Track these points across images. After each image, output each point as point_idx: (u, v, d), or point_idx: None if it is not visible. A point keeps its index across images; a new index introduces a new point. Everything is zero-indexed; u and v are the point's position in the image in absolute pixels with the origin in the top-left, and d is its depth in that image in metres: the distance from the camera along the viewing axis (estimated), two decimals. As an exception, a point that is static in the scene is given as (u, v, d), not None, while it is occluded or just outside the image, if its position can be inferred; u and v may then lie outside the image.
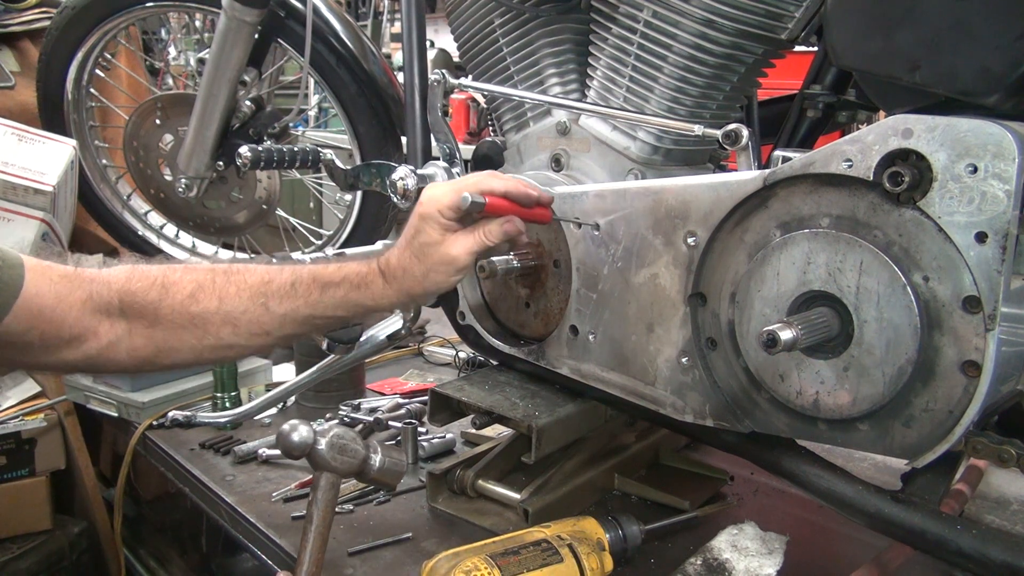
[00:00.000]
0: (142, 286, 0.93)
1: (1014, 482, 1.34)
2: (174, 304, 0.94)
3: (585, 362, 1.13)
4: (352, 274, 1.00)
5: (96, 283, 0.91)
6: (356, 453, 1.00)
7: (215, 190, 1.85)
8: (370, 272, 1.00)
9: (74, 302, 0.90)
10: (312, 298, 0.99)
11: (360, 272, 1.00)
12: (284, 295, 0.98)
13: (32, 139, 1.83)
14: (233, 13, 1.60)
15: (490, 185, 0.98)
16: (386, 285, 0.99)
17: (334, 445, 0.97)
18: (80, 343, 0.91)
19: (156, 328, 0.95)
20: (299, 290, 0.98)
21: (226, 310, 0.96)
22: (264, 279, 0.98)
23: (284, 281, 0.98)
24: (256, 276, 0.98)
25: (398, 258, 0.99)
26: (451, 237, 0.97)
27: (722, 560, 1.12)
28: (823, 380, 0.88)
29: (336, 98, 1.76)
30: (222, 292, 0.96)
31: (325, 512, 0.97)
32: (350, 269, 1.00)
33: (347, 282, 0.99)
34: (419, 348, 2.07)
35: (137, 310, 0.93)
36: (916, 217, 0.80)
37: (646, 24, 1.08)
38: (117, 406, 1.63)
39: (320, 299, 0.99)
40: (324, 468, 0.97)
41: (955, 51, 0.83)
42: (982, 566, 0.84)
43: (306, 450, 0.97)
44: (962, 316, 0.79)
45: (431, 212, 0.96)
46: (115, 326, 0.93)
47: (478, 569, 0.94)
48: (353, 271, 1.00)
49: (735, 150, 0.99)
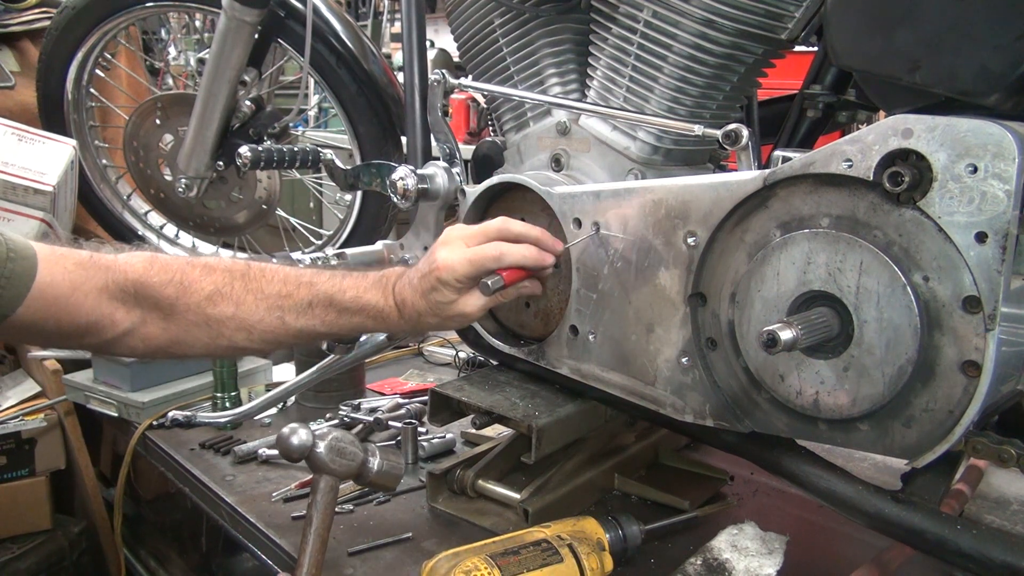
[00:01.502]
0: (160, 280, 0.94)
1: (1014, 482, 1.34)
2: (190, 304, 0.95)
3: (585, 362, 1.13)
4: (371, 307, 1.02)
5: (113, 271, 0.92)
6: (354, 456, 1.00)
7: (215, 190, 1.85)
8: (389, 308, 1.02)
9: (90, 290, 0.90)
10: (328, 319, 1.01)
11: (379, 307, 1.02)
12: (301, 312, 1.00)
13: (32, 139, 1.84)
14: (233, 13, 1.60)
15: (509, 260, 1.00)
16: (401, 319, 1.03)
17: (333, 448, 0.98)
18: (97, 330, 0.91)
19: (171, 322, 0.95)
20: (316, 310, 1.00)
21: (242, 317, 0.97)
22: (282, 292, 0.99)
23: (301, 298, 1.00)
24: (274, 287, 1.00)
25: (413, 303, 1.01)
26: (465, 295, 1.00)
27: (722, 560, 1.12)
28: (823, 380, 0.88)
29: (336, 98, 1.76)
30: (239, 299, 0.97)
31: (324, 514, 0.97)
32: (369, 301, 1.02)
33: (365, 313, 1.02)
34: (419, 348, 2.07)
35: (153, 302, 0.94)
36: (916, 217, 0.80)
37: (646, 24, 1.08)
38: (117, 406, 1.63)
39: (336, 321, 1.01)
40: (323, 471, 0.98)
41: (955, 51, 0.83)
42: (982, 566, 0.84)
43: (305, 453, 0.97)
44: (962, 316, 0.79)
45: (447, 279, 0.99)
46: (131, 314, 0.93)
47: (478, 569, 0.94)
48: (373, 305, 1.02)
49: (735, 150, 0.99)
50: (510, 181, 1.19)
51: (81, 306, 0.89)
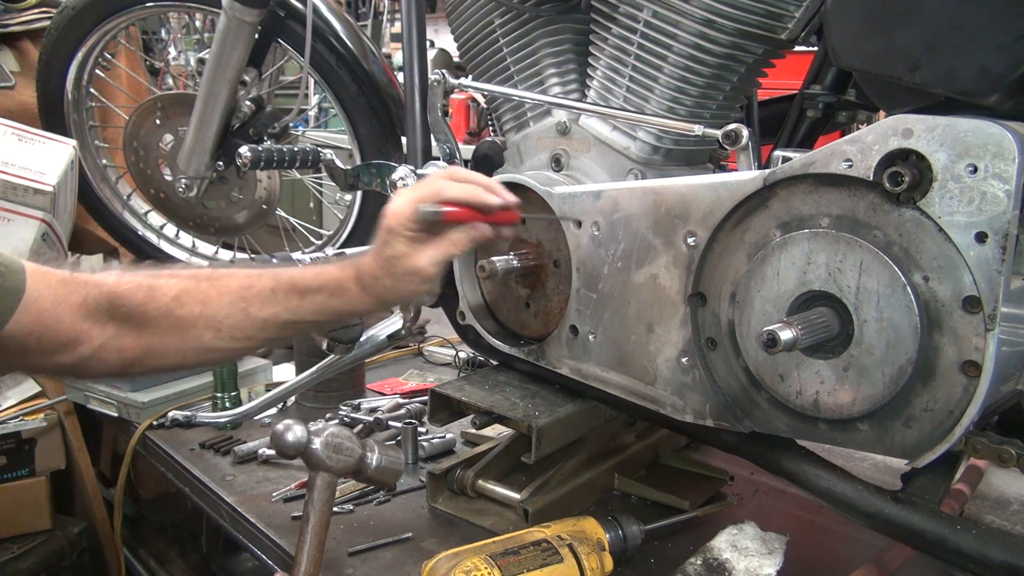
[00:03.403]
0: (128, 288, 0.94)
1: (1014, 482, 1.34)
2: (160, 307, 0.95)
3: (585, 362, 1.13)
4: (330, 281, 1.00)
5: (89, 286, 0.93)
6: (352, 452, 0.99)
7: (215, 190, 1.85)
8: (346, 279, 1.00)
9: (70, 306, 0.91)
10: (292, 304, 0.99)
11: (337, 279, 1.00)
12: (265, 300, 0.99)
13: (32, 139, 1.84)
14: (233, 13, 1.60)
15: (448, 193, 0.97)
16: (361, 292, 1.00)
17: (329, 444, 0.97)
18: (74, 346, 0.92)
19: (143, 330, 0.95)
20: (279, 296, 0.99)
21: (209, 314, 0.97)
22: (245, 284, 0.99)
23: (264, 286, 0.99)
24: (237, 281, 0.99)
25: (370, 266, 0.99)
26: (418, 249, 0.97)
27: (722, 560, 1.12)
28: (823, 380, 0.88)
29: (336, 98, 1.76)
30: (205, 296, 0.97)
31: (322, 512, 0.96)
32: (328, 275, 1.01)
33: (325, 289, 1.00)
34: (419, 348, 2.07)
35: (124, 312, 0.94)
36: (916, 217, 0.80)
37: (646, 24, 1.08)
38: (117, 406, 1.63)
39: (300, 305, 1.00)
40: (320, 468, 0.97)
41: (955, 51, 0.83)
42: (982, 566, 0.84)
43: (301, 449, 0.96)
44: (962, 316, 0.79)
45: (395, 226, 0.97)
46: (105, 329, 0.93)
47: (478, 569, 0.94)
48: (331, 278, 1.00)
49: (735, 150, 0.99)
50: (510, 181, 1.19)
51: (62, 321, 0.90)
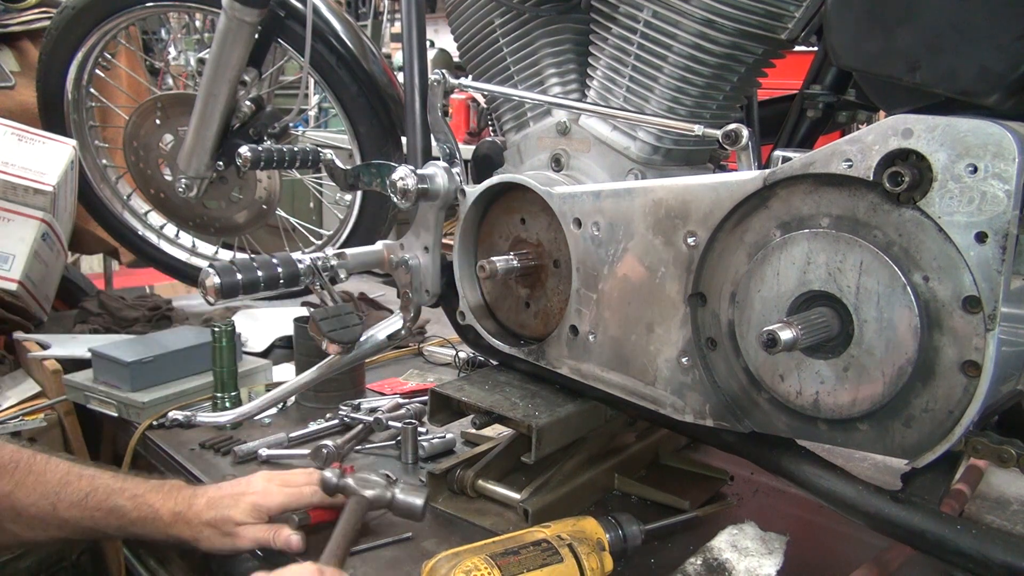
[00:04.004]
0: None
1: (1014, 482, 1.34)
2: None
3: (585, 362, 1.13)
4: (146, 511, 1.07)
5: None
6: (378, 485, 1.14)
7: (215, 190, 1.85)
8: (165, 513, 1.07)
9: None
10: (97, 515, 1.04)
11: (155, 511, 1.07)
12: (74, 503, 1.03)
13: (32, 139, 1.84)
14: (233, 13, 1.60)
15: (267, 505, 1.10)
16: (172, 526, 1.08)
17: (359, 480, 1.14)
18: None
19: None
20: (89, 504, 1.03)
21: (17, 497, 1.01)
22: (63, 480, 1.03)
23: (80, 488, 1.03)
24: (57, 474, 1.04)
25: (197, 513, 1.07)
26: (254, 526, 1.10)
27: (722, 560, 1.12)
28: (823, 380, 0.88)
29: (336, 98, 1.77)
30: (21, 479, 1.01)
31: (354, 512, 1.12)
32: (147, 506, 1.07)
33: (137, 517, 1.06)
34: (419, 348, 2.07)
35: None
36: (916, 217, 0.80)
37: (646, 24, 1.08)
38: (117, 406, 1.62)
39: (105, 520, 1.05)
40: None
41: (955, 51, 0.83)
42: (982, 566, 0.84)
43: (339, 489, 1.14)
44: (962, 316, 0.79)
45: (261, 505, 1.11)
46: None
47: (478, 569, 0.94)
48: (149, 509, 1.07)
49: (735, 150, 0.99)
50: (510, 181, 1.20)
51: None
